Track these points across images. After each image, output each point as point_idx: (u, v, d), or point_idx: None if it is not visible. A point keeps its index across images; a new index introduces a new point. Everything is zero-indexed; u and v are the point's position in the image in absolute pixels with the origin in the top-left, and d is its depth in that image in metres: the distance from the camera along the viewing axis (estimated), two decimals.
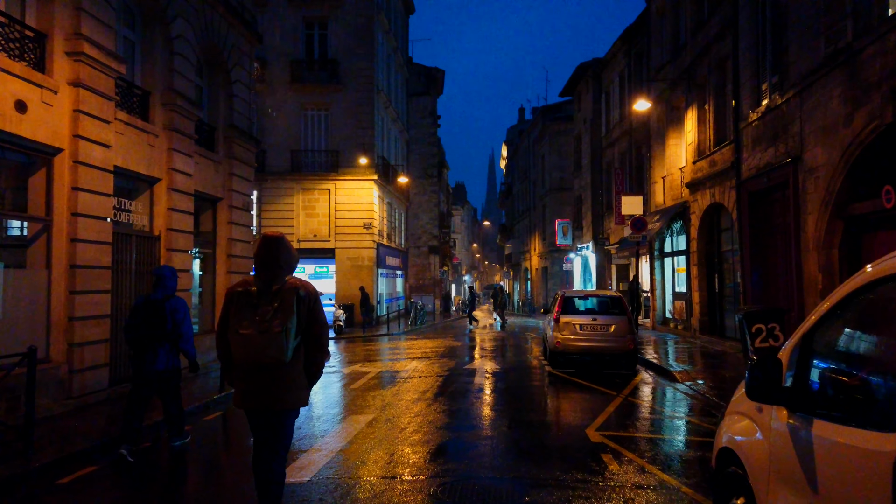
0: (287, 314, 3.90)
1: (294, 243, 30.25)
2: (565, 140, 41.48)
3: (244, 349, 3.89)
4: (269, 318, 3.87)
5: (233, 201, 14.55)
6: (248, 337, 3.86)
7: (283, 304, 3.92)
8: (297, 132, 30.55)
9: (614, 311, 13.37)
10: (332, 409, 9.21)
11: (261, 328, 3.86)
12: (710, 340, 17.05)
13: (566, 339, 12.99)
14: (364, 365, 14.51)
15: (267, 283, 4.00)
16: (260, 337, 3.84)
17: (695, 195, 18.15)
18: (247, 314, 3.90)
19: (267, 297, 3.94)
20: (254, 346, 3.86)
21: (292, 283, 4.05)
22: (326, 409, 9.19)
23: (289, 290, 3.98)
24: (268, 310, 3.90)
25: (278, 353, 3.87)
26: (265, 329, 3.85)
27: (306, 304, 4.03)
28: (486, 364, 14.14)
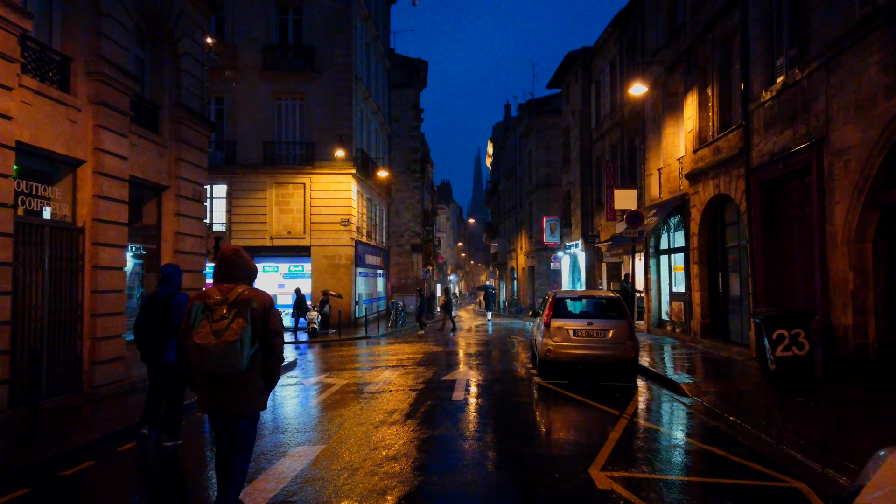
0: (242, 324, 4.12)
1: (267, 241, 28.61)
2: (553, 134, 40.04)
3: (201, 358, 4.09)
4: (224, 329, 4.09)
5: (181, 190, 12.83)
6: (204, 346, 4.07)
7: (238, 314, 4.14)
8: (269, 123, 28.79)
9: (612, 314, 11.83)
10: (278, 436, 7.56)
11: (217, 338, 4.07)
12: (713, 345, 15.58)
13: (558, 346, 11.42)
14: (331, 375, 12.86)
15: (224, 293, 4.22)
16: (216, 346, 4.06)
17: (695, 187, 16.67)
18: (204, 324, 4.14)
19: (224, 308, 4.16)
20: (210, 354, 4.06)
21: (248, 294, 4.25)
22: (271, 436, 7.54)
23: (244, 301, 4.20)
24: (224, 321, 4.12)
25: (234, 361, 4.09)
26: (221, 339, 4.07)
27: (261, 314, 4.25)
28: (467, 374, 12.54)
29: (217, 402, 4.27)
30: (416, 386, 11.06)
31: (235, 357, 4.08)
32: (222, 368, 4.10)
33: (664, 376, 11.40)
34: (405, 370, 13.24)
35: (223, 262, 4.41)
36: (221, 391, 4.22)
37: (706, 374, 12.04)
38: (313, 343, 21.59)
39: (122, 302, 10.76)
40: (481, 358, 15.76)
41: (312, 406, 9.46)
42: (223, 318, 4.13)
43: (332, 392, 10.66)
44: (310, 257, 28.88)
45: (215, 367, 4.10)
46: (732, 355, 14.05)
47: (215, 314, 4.15)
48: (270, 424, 8.21)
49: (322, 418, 8.51)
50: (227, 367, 4.10)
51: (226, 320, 4.12)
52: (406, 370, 13.25)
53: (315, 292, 28.64)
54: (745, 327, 14.43)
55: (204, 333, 4.10)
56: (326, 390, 10.88)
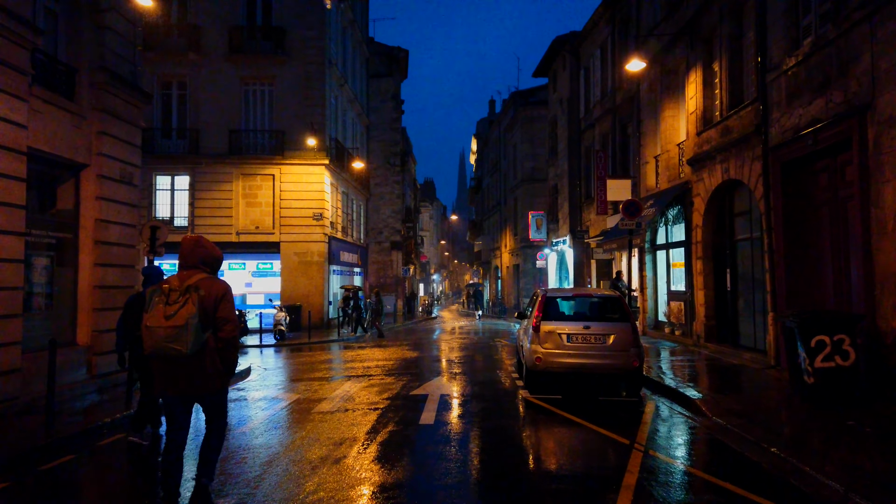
0: (191, 310, 4.27)
1: (233, 236, 26.47)
2: (539, 127, 38.32)
3: (150, 340, 4.28)
4: (173, 314, 4.25)
5: (104, 170, 10.85)
6: (153, 329, 4.28)
7: (189, 300, 4.30)
8: (236, 109, 26.74)
9: (612, 315, 10.04)
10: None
11: (166, 322, 4.25)
12: (721, 350, 13.86)
13: (549, 354, 9.61)
14: (283, 387, 10.95)
15: (182, 280, 4.41)
16: (163, 329, 4.24)
17: (699, 173, 14.96)
18: (158, 309, 4.30)
19: (177, 294, 4.32)
20: (158, 337, 4.25)
21: (202, 282, 4.42)
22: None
23: (195, 288, 4.35)
24: (175, 305, 4.29)
25: (180, 345, 4.24)
26: (169, 322, 4.24)
27: (212, 301, 4.41)
28: (442, 386, 10.67)
29: (171, 385, 4.44)
30: (379, 403, 9.18)
31: (181, 341, 4.22)
32: (168, 351, 4.24)
33: (674, 390, 9.62)
34: (371, 381, 11.35)
35: (183, 251, 4.59)
36: (175, 375, 4.39)
37: (721, 386, 10.28)
38: (281, 347, 19.64)
39: (18, 302, 8.77)
40: (460, 365, 13.91)
41: (243, 432, 7.55)
42: (175, 303, 4.29)
43: (275, 411, 8.76)
44: (279, 254, 26.88)
45: (162, 350, 4.25)
46: (745, 362, 12.33)
47: (170, 299, 4.31)
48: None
49: (247, 452, 6.60)
50: (173, 350, 4.24)
51: (176, 305, 4.28)
52: (372, 381, 11.36)
53: (285, 291, 26.67)
54: (760, 331, 12.72)
55: (156, 317, 4.28)
56: (270, 409, 8.97)
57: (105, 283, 10.84)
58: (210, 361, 4.44)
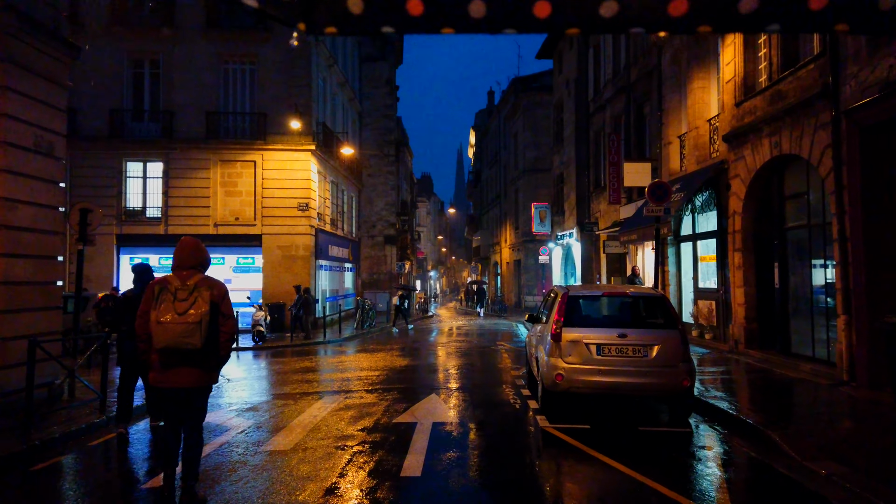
0: (201, 307, 4.61)
1: (210, 228, 24.04)
2: (542, 113, 36.10)
3: (165, 336, 4.55)
4: (186, 310, 4.58)
5: (10, 135, 8.61)
6: (166, 325, 4.56)
7: (199, 297, 4.63)
8: (214, 90, 24.43)
9: (656, 320, 7.86)
10: None
11: (180, 318, 4.56)
12: (767, 359, 11.70)
13: (574, 370, 7.42)
14: (238, 410, 8.74)
15: (184, 280, 4.73)
16: (178, 325, 4.55)
17: (739, 151, 12.77)
18: (167, 305, 4.59)
19: (185, 292, 4.64)
20: (173, 333, 4.54)
21: (207, 281, 4.80)
22: None
23: (203, 287, 4.70)
24: (186, 303, 4.60)
25: (194, 340, 4.57)
26: (183, 318, 4.56)
27: (218, 299, 4.76)
28: (436, 410, 8.44)
29: (173, 377, 4.71)
30: (351, 438, 6.97)
31: (195, 336, 4.56)
32: (183, 346, 4.56)
33: (733, 416, 7.43)
34: (348, 400, 9.15)
35: (183, 252, 4.89)
36: (178, 367, 4.69)
37: (791, 410, 8.11)
38: (259, 351, 17.47)
39: None
40: (458, 377, 11.72)
41: (151, 488, 5.34)
42: (185, 300, 4.61)
43: (212, 449, 6.55)
44: (261, 248, 24.63)
45: (177, 345, 4.56)
46: (804, 375, 10.15)
47: (178, 296, 4.62)
48: None
49: None
50: (188, 344, 4.56)
51: (187, 303, 4.60)
52: (349, 400, 9.16)
53: (268, 288, 24.44)
54: (820, 337, 10.55)
55: (167, 313, 4.57)
56: (207, 444, 6.77)
57: (12, 278, 8.63)
58: (210, 355, 4.76)
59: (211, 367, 4.80)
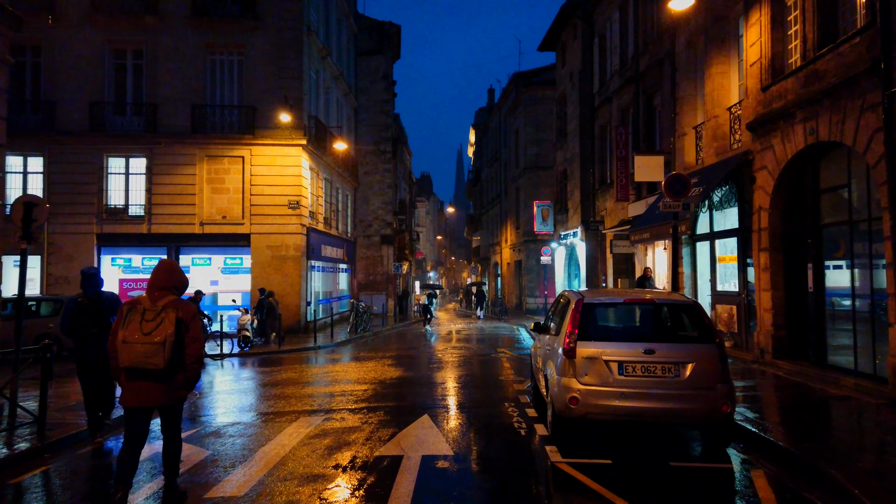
0: (166, 329, 4.68)
1: (196, 227, 22.67)
2: (544, 109, 34.86)
3: (129, 355, 4.64)
4: (152, 331, 4.66)
5: None
6: (131, 344, 4.64)
7: (166, 319, 4.71)
8: (200, 82, 23.23)
9: (688, 332, 6.64)
10: None
11: (145, 339, 4.64)
12: (800, 371, 10.47)
13: (591, 392, 6.19)
14: (197, 438, 7.49)
15: (155, 301, 4.82)
16: (143, 346, 4.63)
17: (766, 140, 11.54)
18: (134, 326, 4.68)
19: (152, 313, 4.72)
20: (137, 353, 4.62)
21: (176, 303, 4.86)
22: None
23: (171, 309, 4.79)
24: (152, 323, 4.68)
25: (157, 360, 4.63)
26: (148, 339, 4.63)
27: (184, 322, 4.82)
28: (427, 438, 7.15)
29: (140, 396, 4.78)
30: (321, 476, 5.72)
31: (159, 356, 4.62)
32: (146, 365, 4.63)
33: (783, 448, 6.19)
34: (326, 423, 7.90)
35: (158, 274, 5.02)
36: (146, 387, 4.75)
37: (851, 439, 6.87)
38: (244, 357, 16.28)
39: None
40: (455, 393, 10.47)
41: None
42: (152, 321, 4.69)
43: (142, 496, 5.31)
44: (250, 247, 23.40)
45: (141, 364, 4.62)
46: (849, 392, 8.92)
47: (146, 317, 4.71)
48: None
49: None
50: (151, 364, 4.62)
51: (153, 323, 4.68)
52: (328, 423, 7.92)
53: (256, 290, 23.18)
54: (866, 347, 9.32)
55: (134, 332, 4.65)
56: (134, 494, 5.53)
57: None
58: (178, 375, 4.84)
59: (176, 386, 4.86)
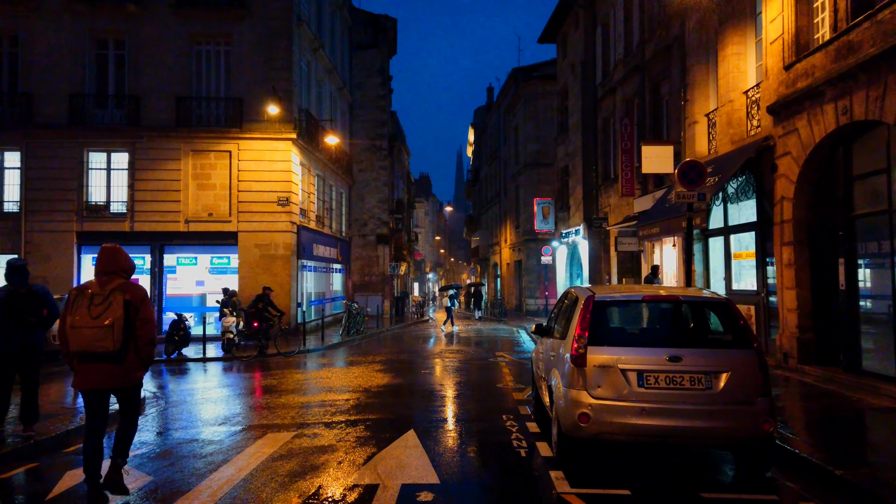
0: (115, 311, 4.71)
1: (181, 225, 21.43)
2: (544, 105, 33.86)
3: (78, 340, 4.68)
4: (100, 314, 4.67)
5: None
6: (80, 329, 4.66)
7: (113, 303, 4.73)
8: (185, 73, 22.22)
9: (720, 335, 5.59)
10: None
11: (93, 323, 4.65)
12: (830, 378, 9.42)
13: (605, 407, 5.16)
14: (148, 455, 6.43)
15: (103, 285, 4.83)
16: (91, 330, 4.65)
17: (789, 123, 10.51)
18: (83, 311, 4.69)
19: (100, 297, 4.75)
20: (86, 337, 4.66)
21: (123, 286, 4.87)
22: None
23: (118, 291, 4.80)
24: (100, 307, 4.70)
25: (107, 343, 4.66)
26: (97, 322, 4.65)
27: (132, 304, 4.83)
28: (410, 460, 6.06)
29: (94, 379, 4.78)
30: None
31: (109, 339, 4.63)
32: (96, 349, 4.64)
33: (838, 476, 5.14)
34: (297, 440, 6.85)
35: (104, 259, 4.92)
36: (96, 371, 4.75)
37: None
38: (229, 362, 15.25)
39: None
40: (445, 403, 9.40)
41: None
42: (100, 305, 4.68)
43: None
44: (237, 246, 22.35)
45: (91, 348, 4.65)
46: (891, 402, 7.86)
47: (94, 302, 4.70)
48: None
49: None
50: (101, 348, 4.64)
51: (101, 307, 4.68)
52: (299, 440, 6.86)
53: (244, 290, 22.12)
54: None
55: (82, 318, 4.66)
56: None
57: None
58: (130, 357, 4.83)
59: (131, 368, 4.86)
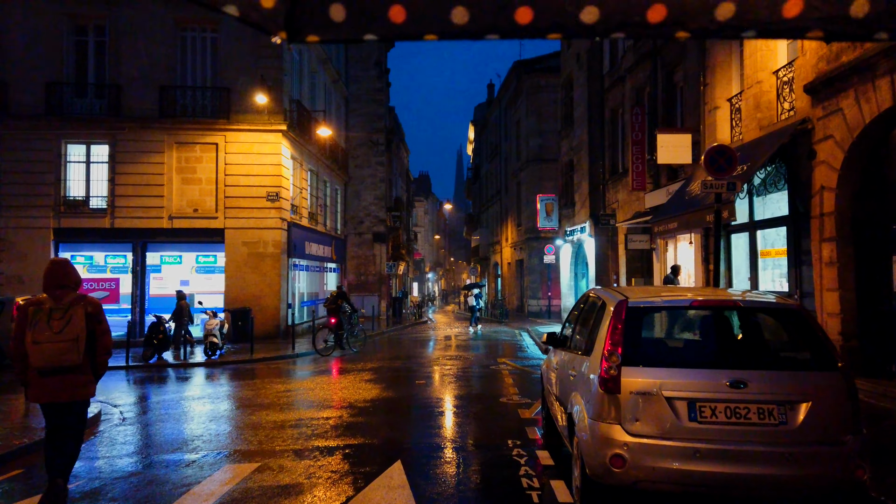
0: (78, 325, 4.75)
1: (164, 222, 20.04)
2: (547, 98, 32.64)
3: (42, 355, 4.66)
4: (62, 328, 4.69)
5: None
6: (42, 344, 4.64)
7: (74, 316, 4.75)
8: (169, 61, 21.01)
9: (795, 355, 4.35)
10: None
11: (57, 338, 4.66)
12: (883, 393, 8.20)
13: (647, 449, 3.92)
14: (73, 495, 5.23)
15: (59, 299, 4.81)
16: (55, 345, 4.66)
17: (832, 102, 9.28)
18: (42, 326, 4.67)
19: (60, 312, 4.75)
20: (50, 352, 4.65)
21: (80, 299, 4.91)
22: None
23: (78, 305, 4.83)
24: (62, 321, 4.70)
25: (73, 357, 4.73)
26: (61, 337, 4.67)
27: (93, 316, 4.91)
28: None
29: (51, 392, 4.79)
30: None
31: (73, 353, 4.71)
32: (62, 363, 4.69)
33: None
34: (256, 474, 5.62)
35: (55, 273, 4.93)
36: (55, 383, 4.76)
37: None
38: (211, 367, 14.02)
39: None
40: (440, 425, 8.15)
41: None
42: (60, 319, 4.69)
43: None
44: (224, 244, 21.13)
45: (56, 362, 4.68)
46: None
47: (53, 317, 4.69)
48: None
49: None
50: (67, 361, 4.70)
51: (62, 321, 4.69)
52: (259, 474, 5.63)
53: (231, 291, 20.94)
54: None
55: (43, 332, 4.65)
56: None
57: None
58: (86, 370, 4.91)
59: (87, 381, 4.93)
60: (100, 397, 10.12)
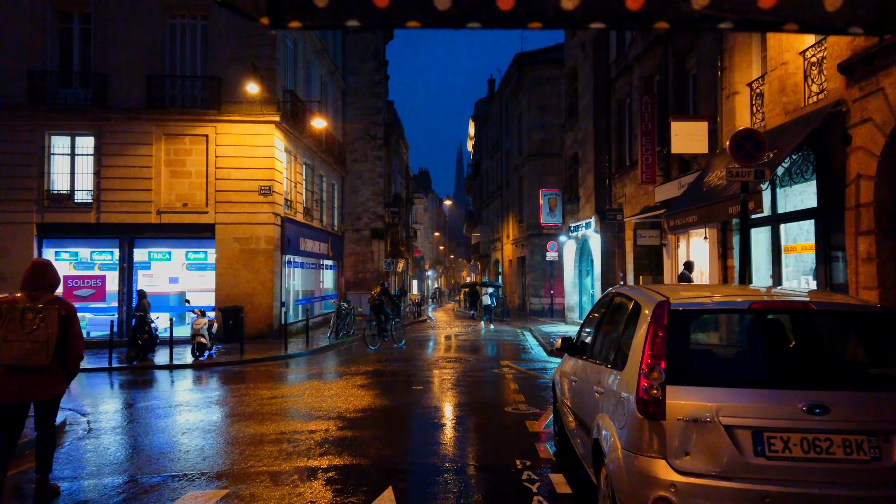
0: (49, 327, 4.79)
1: (153, 217, 19.08)
2: (550, 91, 31.76)
3: (11, 354, 4.69)
4: (34, 329, 4.74)
5: None
6: (13, 343, 4.70)
7: (47, 318, 4.80)
8: (158, 50, 20.15)
9: (887, 371, 3.48)
10: None
11: (27, 338, 4.71)
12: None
13: (701, 490, 3.07)
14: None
15: (34, 300, 4.88)
16: (25, 345, 4.70)
17: (871, 82, 8.43)
18: (15, 325, 4.74)
19: (32, 313, 4.80)
20: (20, 351, 4.69)
21: (56, 301, 4.97)
22: None
23: (52, 307, 4.87)
24: (34, 322, 4.76)
25: (41, 358, 4.74)
26: (31, 337, 4.72)
27: (66, 319, 4.93)
28: None
29: (21, 392, 4.80)
30: None
31: (43, 353, 4.72)
32: (31, 363, 4.71)
33: None
34: (226, 501, 4.79)
35: (34, 274, 5.01)
36: (25, 382, 4.78)
37: None
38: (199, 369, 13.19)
39: None
40: (438, 442, 7.29)
41: None
42: (33, 319, 4.74)
43: None
44: (214, 239, 20.27)
45: (25, 362, 4.70)
46: None
47: (26, 317, 4.75)
48: None
49: None
50: (35, 361, 4.71)
51: (35, 322, 4.74)
52: (230, 501, 4.80)
53: (222, 289, 20.09)
54: None
55: (14, 332, 4.70)
56: None
57: None
58: (58, 371, 4.93)
59: (56, 381, 4.94)
60: (70, 404, 9.31)
